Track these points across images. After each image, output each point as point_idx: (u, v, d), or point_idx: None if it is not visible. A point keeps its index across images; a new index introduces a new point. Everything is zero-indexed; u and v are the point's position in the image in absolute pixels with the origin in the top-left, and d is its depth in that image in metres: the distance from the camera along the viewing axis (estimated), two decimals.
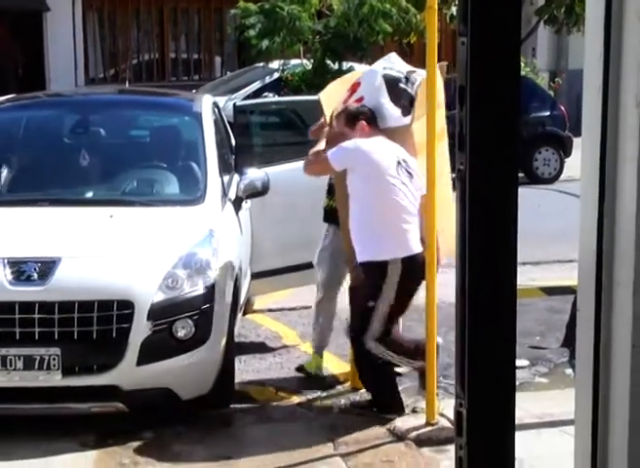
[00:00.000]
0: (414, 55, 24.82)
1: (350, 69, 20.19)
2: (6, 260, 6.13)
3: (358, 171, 6.55)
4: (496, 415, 1.99)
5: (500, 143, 1.93)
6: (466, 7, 1.88)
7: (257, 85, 19.65)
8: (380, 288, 6.45)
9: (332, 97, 7.00)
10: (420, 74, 6.81)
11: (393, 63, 6.95)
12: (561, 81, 25.09)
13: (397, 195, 6.49)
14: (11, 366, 5.95)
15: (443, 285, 6.36)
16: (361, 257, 6.51)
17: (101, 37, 28.02)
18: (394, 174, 6.46)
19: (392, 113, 6.68)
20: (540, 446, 4.83)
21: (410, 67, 7.03)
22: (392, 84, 6.66)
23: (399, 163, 6.50)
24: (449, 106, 6.81)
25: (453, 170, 5.97)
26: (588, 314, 3.89)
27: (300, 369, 7.56)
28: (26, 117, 8.53)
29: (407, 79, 6.72)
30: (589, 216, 3.85)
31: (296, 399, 7.14)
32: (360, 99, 6.73)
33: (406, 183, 6.50)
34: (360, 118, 6.58)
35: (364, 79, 6.98)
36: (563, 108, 19.22)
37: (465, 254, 1.91)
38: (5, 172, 7.70)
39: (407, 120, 6.68)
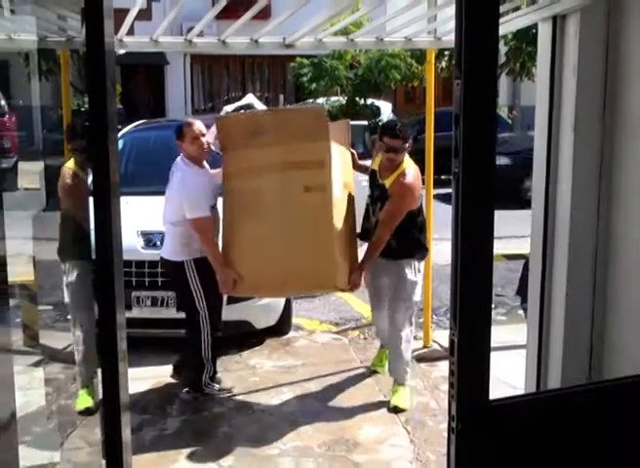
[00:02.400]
0: (416, 94, 24.79)
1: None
2: (140, 232, 6.19)
3: None
4: (476, 342, 1.97)
5: (483, 153, 1.90)
6: (460, 58, 1.86)
7: None
8: None
9: None
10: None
11: (234, 104, 5.97)
12: (516, 113, 24.93)
13: None
14: (142, 303, 6.01)
15: (437, 252, 6.33)
16: None
17: (203, 82, 28.24)
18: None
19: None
20: (504, 363, 4.79)
21: (260, 107, 5.81)
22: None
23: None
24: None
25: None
26: (537, 273, 3.87)
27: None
28: (154, 135, 8.60)
29: None
30: (539, 207, 3.81)
31: (334, 328, 7.14)
32: None
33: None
34: None
35: None
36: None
37: (458, 230, 1.88)
38: (141, 171, 7.75)
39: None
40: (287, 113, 5.69)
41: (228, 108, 5.97)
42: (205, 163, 5.43)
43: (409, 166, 5.23)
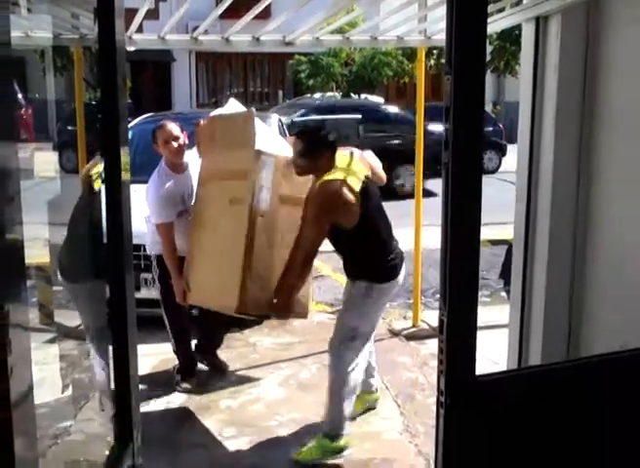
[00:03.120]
0: (407, 90, 24.75)
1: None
2: (147, 218, 6.09)
3: None
4: (463, 321, 1.97)
5: (471, 144, 1.90)
6: (450, 56, 1.85)
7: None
8: None
9: None
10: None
11: (217, 110, 5.45)
12: (500, 108, 24.93)
13: None
14: (150, 285, 5.97)
15: (426, 238, 6.32)
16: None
17: (207, 78, 28.17)
18: None
19: None
20: (488, 341, 4.80)
21: (239, 110, 5.04)
22: None
23: None
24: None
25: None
26: (519, 259, 3.88)
27: None
28: None
29: None
30: (521, 195, 3.81)
31: (329, 309, 7.14)
32: None
33: None
34: None
35: None
36: (501, 125, 19.23)
37: (448, 216, 1.88)
38: (148, 161, 7.68)
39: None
40: (226, 119, 4.88)
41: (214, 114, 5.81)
42: (189, 165, 5.07)
43: (330, 178, 3.99)
